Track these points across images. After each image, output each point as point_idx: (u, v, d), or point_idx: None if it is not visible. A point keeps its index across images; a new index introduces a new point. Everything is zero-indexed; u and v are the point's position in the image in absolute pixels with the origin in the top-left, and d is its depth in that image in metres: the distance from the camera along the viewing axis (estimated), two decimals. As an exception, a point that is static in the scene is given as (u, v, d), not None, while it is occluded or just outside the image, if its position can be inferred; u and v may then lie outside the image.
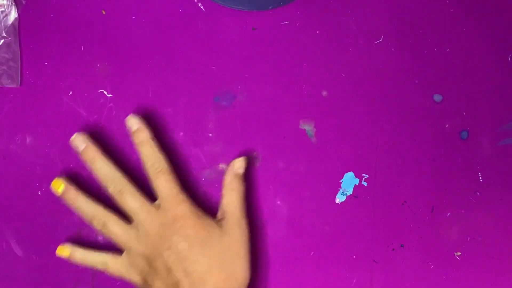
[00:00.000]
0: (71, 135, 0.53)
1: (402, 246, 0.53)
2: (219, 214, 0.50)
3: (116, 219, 0.49)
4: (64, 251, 0.50)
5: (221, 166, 0.53)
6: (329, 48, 0.54)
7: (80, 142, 0.50)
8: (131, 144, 0.53)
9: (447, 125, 0.54)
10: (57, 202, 0.53)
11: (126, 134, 0.53)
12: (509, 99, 0.54)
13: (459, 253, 0.53)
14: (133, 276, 0.49)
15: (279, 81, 0.54)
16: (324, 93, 0.54)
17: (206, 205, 0.52)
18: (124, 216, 0.49)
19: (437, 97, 0.54)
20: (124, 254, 0.49)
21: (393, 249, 0.53)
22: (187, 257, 0.47)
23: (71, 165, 0.53)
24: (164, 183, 0.48)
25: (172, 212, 0.48)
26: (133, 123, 0.50)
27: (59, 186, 0.50)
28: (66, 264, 0.52)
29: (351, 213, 0.53)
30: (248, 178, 0.52)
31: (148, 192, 0.50)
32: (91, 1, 0.54)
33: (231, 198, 0.50)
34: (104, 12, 0.54)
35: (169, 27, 0.54)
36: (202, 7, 0.54)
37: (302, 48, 0.54)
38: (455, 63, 0.54)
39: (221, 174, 0.52)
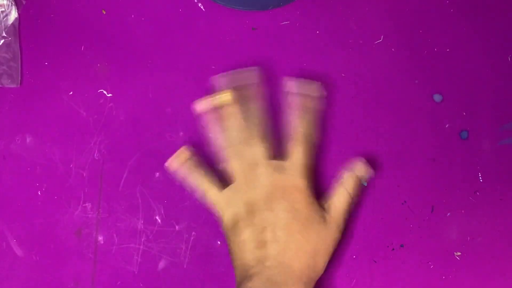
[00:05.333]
0: (71, 135, 0.53)
1: (402, 246, 0.53)
2: (325, 205, 0.50)
3: (242, 157, 0.49)
4: (183, 155, 0.50)
5: (221, 166, 0.53)
6: (329, 48, 0.54)
7: (250, 77, 0.51)
8: (133, 144, 0.53)
9: (447, 125, 0.54)
10: (57, 202, 0.53)
11: (126, 134, 0.53)
12: (509, 99, 0.54)
13: (459, 253, 0.53)
14: (226, 214, 0.49)
15: (279, 81, 0.54)
16: (324, 93, 0.54)
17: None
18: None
19: (437, 97, 0.54)
20: (227, 189, 0.50)
21: (393, 249, 0.53)
22: (284, 227, 0.48)
23: (71, 165, 0.53)
24: (302, 151, 0.49)
25: (294, 180, 0.49)
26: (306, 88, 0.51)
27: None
28: (66, 264, 0.52)
29: (351, 213, 0.53)
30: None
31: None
32: (91, 1, 0.54)
33: (344, 199, 0.50)
34: (104, 12, 0.54)
35: (169, 27, 0.54)
36: (202, 7, 0.54)
37: (302, 48, 0.54)
38: (455, 63, 0.54)
39: (221, 174, 0.52)
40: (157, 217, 0.53)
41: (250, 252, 0.48)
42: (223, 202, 0.50)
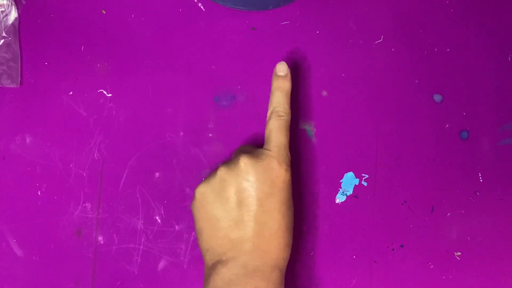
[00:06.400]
0: (71, 135, 0.53)
1: (402, 246, 0.53)
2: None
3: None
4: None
5: None
6: (329, 48, 0.54)
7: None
8: (133, 144, 0.53)
9: (447, 125, 0.54)
10: (57, 202, 0.53)
11: (126, 134, 0.53)
12: (509, 99, 0.54)
13: (459, 253, 0.53)
14: (206, 182, 0.46)
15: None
16: (324, 93, 0.54)
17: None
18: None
19: (437, 97, 0.54)
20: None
21: (393, 249, 0.53)
22: (261, 204, 0.45)
23: (71, 165, 0.53)
24: (278, 130, 0.47)
25: (275, 160, 0.46)
26: (282, 69, 0.49)
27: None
28: (66, 264, 0.52)
29: (351, 213, 0.53)
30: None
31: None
32: (91, 1, 0.54)
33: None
34: (104, 12, 0.54)
35: (169, 27, 0.54)
36: (202, 7, 0.54)
37: (302, 48, 0.54)
38: (455, 63, 0.54)
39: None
40: (157, 217, 0.53)
41: (223, 232, 0.45)
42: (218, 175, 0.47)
